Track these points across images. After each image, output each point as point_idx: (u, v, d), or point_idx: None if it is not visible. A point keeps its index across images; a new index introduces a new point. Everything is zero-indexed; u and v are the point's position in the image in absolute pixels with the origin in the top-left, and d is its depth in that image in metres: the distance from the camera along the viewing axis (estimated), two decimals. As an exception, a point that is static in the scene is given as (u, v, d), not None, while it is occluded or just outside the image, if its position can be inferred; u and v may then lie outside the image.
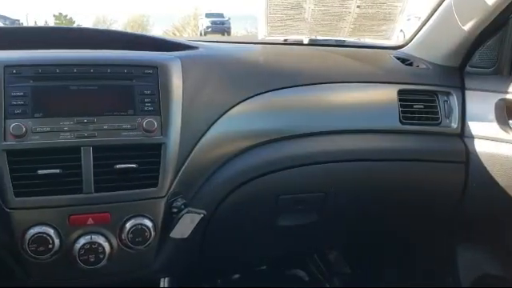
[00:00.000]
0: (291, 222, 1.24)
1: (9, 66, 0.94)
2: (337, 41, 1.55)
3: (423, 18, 1.41)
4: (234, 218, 1.15)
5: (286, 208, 1.21)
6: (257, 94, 1.16)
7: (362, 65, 1.36)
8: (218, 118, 1.09)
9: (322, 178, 1.20)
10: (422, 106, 1.29)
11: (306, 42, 1.52)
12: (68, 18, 13.37)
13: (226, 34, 16.70)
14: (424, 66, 1.38)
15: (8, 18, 6.98)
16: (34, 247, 0.90)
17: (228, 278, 1.59)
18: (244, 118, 1.13)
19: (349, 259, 1.79)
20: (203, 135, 1.06)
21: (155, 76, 1.01)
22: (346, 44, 1.56)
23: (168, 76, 1.02)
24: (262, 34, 1.47)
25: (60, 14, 13.49)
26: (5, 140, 0.90)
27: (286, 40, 1.55)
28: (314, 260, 1.76)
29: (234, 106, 1.11)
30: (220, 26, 17.78)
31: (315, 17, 1.45)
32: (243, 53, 1.28)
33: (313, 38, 1.53)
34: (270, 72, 1.23)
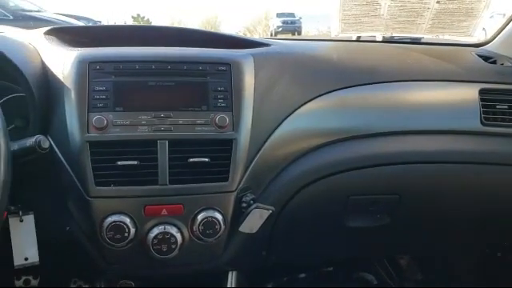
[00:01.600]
0: (361, 223, 1.22)
1: (93, 62, 0.99)
2: (413, 38, 1.49)
3: (508, 14, 1.32)
4: (303, 216, 1.14)
5: (357, 209, 1.18)
6: (329, 92, 1.14)
7: (441, 62, 1.29)
8: (289, 115, 1.09)
9: (396, 179, 1.16)
10: (506, 107, 1.21)
11: (379, 39, 1.48)
12: (145, 19, 13.96)
13: (296, 33, 16.69)
14: (509, 64, 1.29)
15: (90, 20, 7.42)
16: (111, 235, 0.95)
17: (294, 276, 1.58)
18: (315, 116, 1.12)
19: (421, 265, 1.72)
20: (273, 132, 1.06)
21: (228, 73, 1.03)
22: (422, 42, 1.50)
23: (240, 73, 1.04)
24: (336, 31, 1.45)
25: (138, 15, 14.11)
26: (88, 132, 0.95)
27: (359, 37, 1.52)
28: (384, 264, 1.71)
29: (305, 103, 1.11)
30: (291, 26, 17.79)
31: (391, 13, 1.41)
32: (316, 50, 1.27)
33: (388, 35, 1.48)
34: (343, 69, 1.21)
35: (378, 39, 1.48)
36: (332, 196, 1.14)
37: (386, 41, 1.47)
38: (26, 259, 1.01)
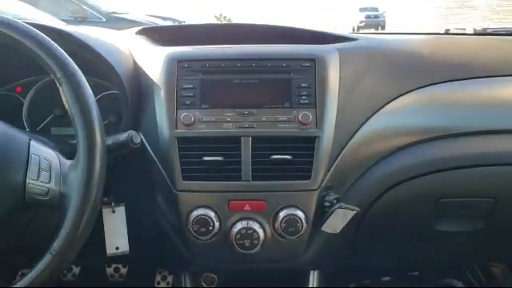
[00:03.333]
0: (452, 227, 1.14)
1: (181, 61, 1.02)
2: (508, 30, 1.38)
3: None
4: (389, 217, 1.10)
5: (447, 212, 1.11)
6: (418, 88, 1.09)
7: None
8: (376, 113, 1.05)
9: (492, 182, 1.08)
10: None
11: (470, 31, 1.38)
12: (227, 18, 14.26)
13: (380, 27, 16.22)
14: None
15: (175, 20, 7.71)
16: (196, 228, 0.97)
17: (377, 279, 1.53)
18: (403, 114, 1.07)
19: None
20: (358, 130, 1.03)
21: (313, 69, 1.01)
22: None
23: (325, 69, 1.02)
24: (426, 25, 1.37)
25: (220, 15, 14.45)
26: (176, 128, 0.99)
27: (447, 30, 1.43)
28: (474, 271, 1.60)
29: (392, 100, 1.06)
30: (374, 20, 17.31)
31: (490, 3, 1.30)
32: (404, 44, 1.21)
33: (483, 27, 1.38)
34: (433, 64, 1.14)
35: (468, 32, 1.38)
36: (420, 198, 1.09)
37: (478, 33, 1.37)
38: (117, 248, 1.07)
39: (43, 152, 0.79)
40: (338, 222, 0.98)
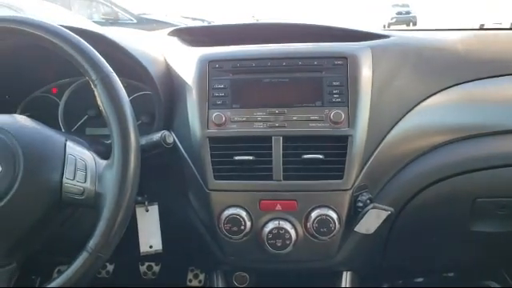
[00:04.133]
0: (488, 227, 1.10)
1: (212, 61, 1.03)
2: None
3: None
4: (423, 218, 1.07)
5: (484, 212, 1.08)
6: (454, 85, 1.06)
7: None
8: (410, 111, 1.03)
9: None
10: None
11: (507, 25, 1.33)
12: (256, 19, 14.29)
13: (411, 24, 15.94)
14: None
15: (205, 21, 7.78)
16: (228, 227, 0.97)
17: (411, 280, 1.50)
18: (438, 111, 1.04)
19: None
20: (392, 128, 1.01)
21: (345, 67, 1.00)
22: None
23: (357, 67, 1.00)
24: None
25: (253, 16, 14.48)
26: (208, 128, 0.99)
27: (482, 25, 1.39)
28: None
29: (427, 98, 1.04)
30: (406, 16, 17.01)
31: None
32: (438, 40, 1.18)
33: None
34: (469, 60, 1.11)
35: (504, 26, 1.34)
36: (456, 198, 1.06)
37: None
38: (151, 247, 1.08)
39: (79, 152, 0.81)
40: (371, 222, 0.96)
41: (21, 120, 0.82)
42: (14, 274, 0.80)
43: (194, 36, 1.29)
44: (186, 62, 1.06)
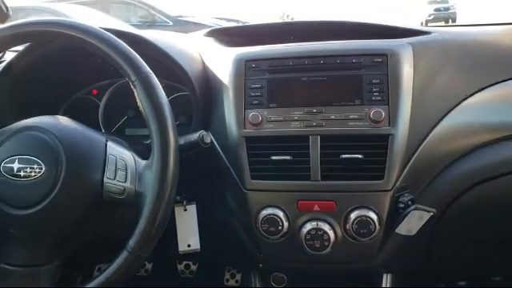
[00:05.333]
0: None
1: (249, 61, 1.02)
2: None
3: None
4: (467, 219, 1.03)
5: None
6: (500, 82, 1.02)
7: None
8: (453, 109, 0.99)
9: None
10: None
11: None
12: (290, 17, 14.24)
13: (451, 20, 15.51)
14: None
15: (239, 21, 7.81)
16: (265, 227, 0.97)
17: (453, 283, 1.45)
18: (483, 109, 1.00)
19: None
20: (434, 127, 0.98)
21: (385, 64, 0.98)
22: None
23: (398, 64, 0.98)
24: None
25: (283, 13, 14.45)
26: (244, 128, 0.99)
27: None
28: None
29: (471, 96, 1.00)
30: (444, 13, 16.56)
31: None
32: (483, 36, 1.14)
33: None
34: None
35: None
36: (502, 199, 1.01)
37: None
38: (189, 246, 1.09)
39: (119, 152, 0.82)
40: (413, 224, 0.93)
41: (63, 121, 0.84)
42: (58, 272, 0.82)
43: (230, 36, 1.29)
44: (223, 62, 1.06)
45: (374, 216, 0.94)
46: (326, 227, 0.95)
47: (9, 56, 1.20)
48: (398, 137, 0.94)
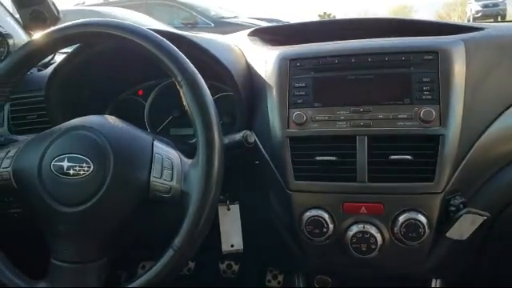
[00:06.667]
0: None
1: (293, 60, 1.01)
2: None
3: None
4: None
5: None
6: None
7: None
8: (508, 108, 0.95)
9: None
10: None
11: None
12: (332, 16, 14.11)
13: (500, 17, 14.91)
14: None
15: (280, 21, 7.80)
16: (310, 229, 0.95)
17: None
18: None
19: None
20: (489, 127, 0.94)
21: (435, 62, 0.94)
22: None
23: (449, 61, 0.94)
24: None
25: (324, 13, 14.34)
26: (288, 127, 0.98)
27: None
28: None
29: None
30: (493, 9, 15.92)
31: None
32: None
33: None
34: None
35: None
36: None
37: None
38: (232, 246, 1.09)
39: (165, 151, 0.82)
40: (465, 228, 0.90)
41: (111, 120, 0.86)
42: (105, 269, 0.83)
43: (273, 35, 1.28)
44: (267, 62, 1.05)
45: (423, 219, 0.91)
46: (373, 230, 0.93)
47: (58, 58, 1.25)
48: (449, 137, 0.90)
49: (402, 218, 0.91)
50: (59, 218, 0.78)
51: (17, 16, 1.28)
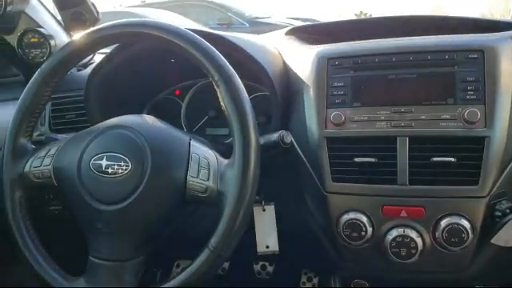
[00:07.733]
0: None
1: (332, 58, 0.99)
2: None
3: None
4: None
5: None
6: None
7: None
8: None
9: None
10: None
11: None
12: (368, 15, 13.89)
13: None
14: None
15: (315, 21, 7.73)
16: (347, 232, 0.93)
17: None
18: None
19: None
20: None
21: (480, 61, 0.90)
22: None
23: (496, 60, 0.90)
24: None
25: (361, 12, 14.13)
26: (326, 128, 0.96)
27: None
28: None
29: None
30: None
31: None
32: None
33: None
34: None
35: None
36: None
37: None
38: (267, 247, 1.07)
39: (202, 151, 0.82)
40: (511, 234, 0.85)
41: (149, 120, 0.86)
42: (142, 267, 0.83)
43: (311, 34, 1.26)
44: (304, 61, 1.04)
45: (466, 224, 0.87)
46: (414, 234, 0.90)
47: (98, 58, 1.27)
48: (494, 139, 0.87)
49: (443, 223, 0.88)
50: (97, 216, 0.79)
51: (58, 18, 1.31)
